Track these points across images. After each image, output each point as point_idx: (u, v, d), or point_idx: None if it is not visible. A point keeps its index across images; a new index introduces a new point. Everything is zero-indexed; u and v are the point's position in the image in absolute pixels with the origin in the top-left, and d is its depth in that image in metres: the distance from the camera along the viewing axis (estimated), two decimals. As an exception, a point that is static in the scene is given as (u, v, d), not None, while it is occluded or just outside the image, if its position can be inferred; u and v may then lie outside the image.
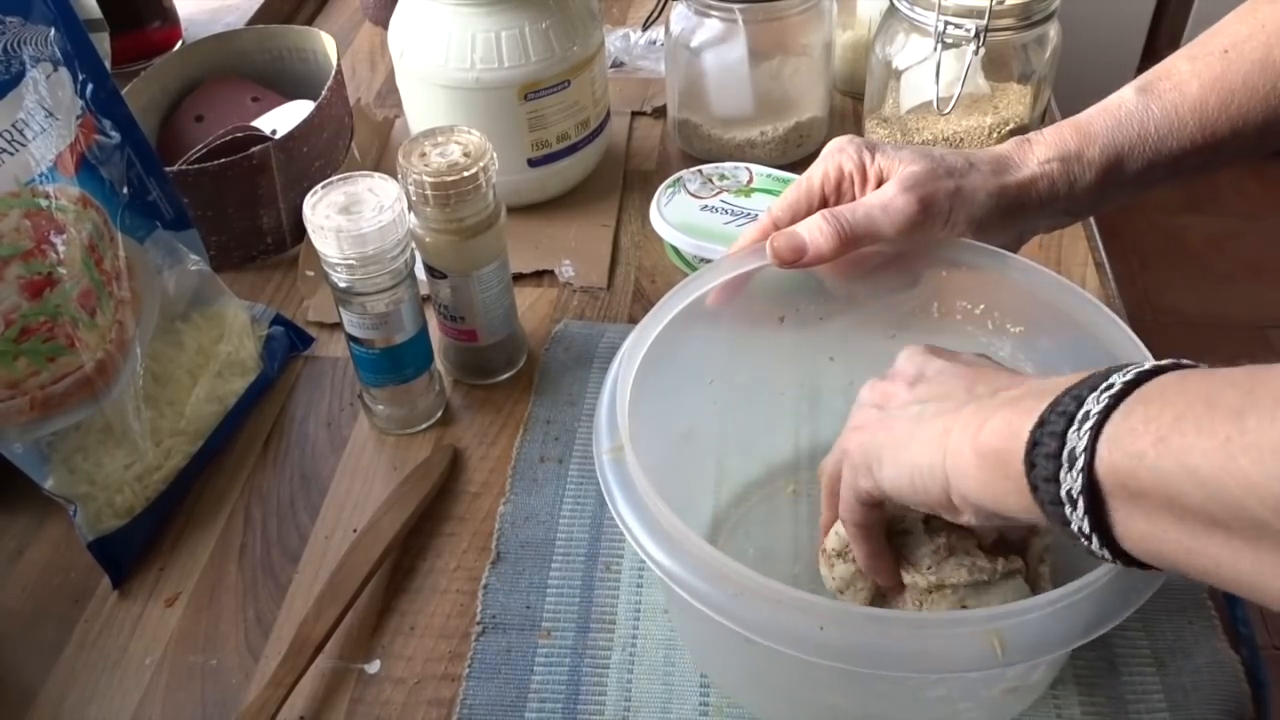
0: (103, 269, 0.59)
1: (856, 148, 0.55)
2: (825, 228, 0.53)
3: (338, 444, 0.67)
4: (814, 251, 0.53)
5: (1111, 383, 0.35)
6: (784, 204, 0.56)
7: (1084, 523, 0.35)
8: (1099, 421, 0.34)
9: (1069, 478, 0.35)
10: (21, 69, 0.55)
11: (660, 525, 0.43)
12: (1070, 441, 0.35)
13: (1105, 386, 0.35)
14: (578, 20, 0.78)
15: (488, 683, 0.54)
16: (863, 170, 0.55)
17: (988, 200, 0.53)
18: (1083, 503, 0.35)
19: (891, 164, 0.54)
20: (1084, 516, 0.35)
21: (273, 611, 0.58)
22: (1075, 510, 0.35)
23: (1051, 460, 0.35)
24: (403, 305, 0.62)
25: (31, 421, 0.56)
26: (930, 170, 0.53)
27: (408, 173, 0.61)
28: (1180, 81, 0.54)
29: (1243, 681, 0.52)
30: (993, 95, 0.78)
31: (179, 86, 0.88)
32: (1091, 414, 0.35)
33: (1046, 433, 0.36)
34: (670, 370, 0.52)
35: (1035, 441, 0.36)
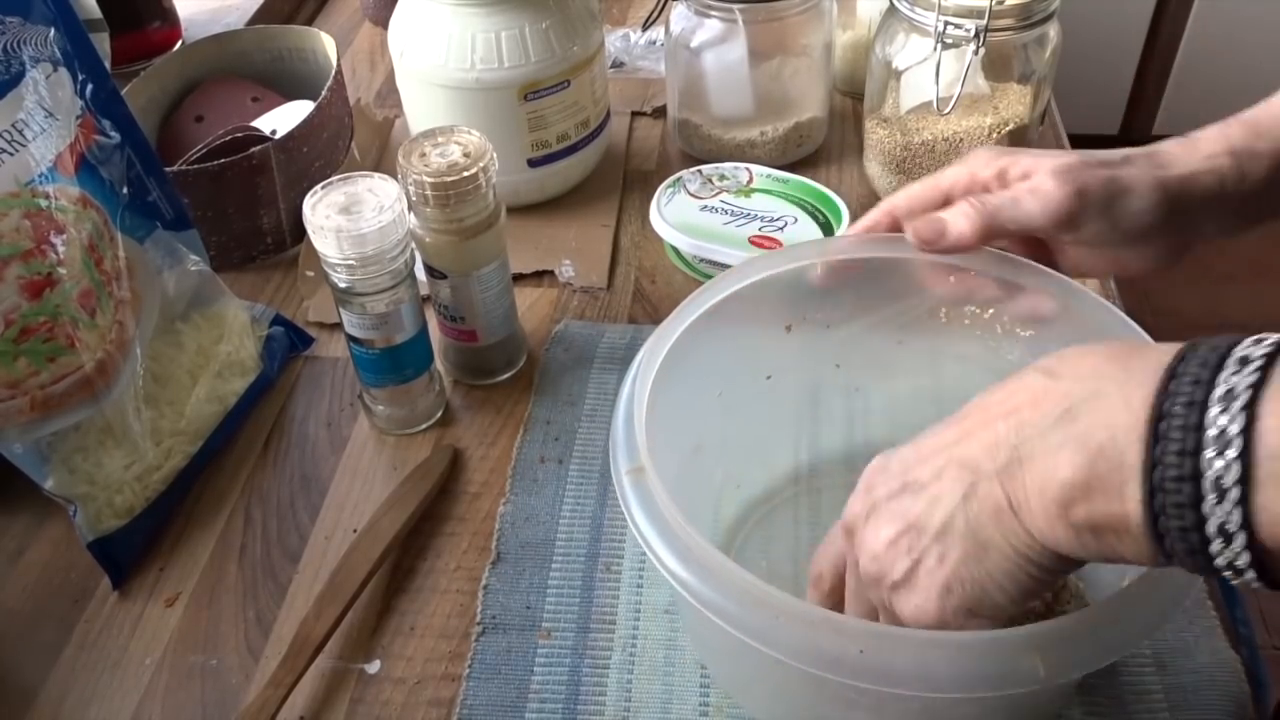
0: (103, 269, 0.59)
1: (996, 153, 0.52)
2: (969, 210, 0.50)
3: (338, 444, 0.67)
4: (955, 234, 0.50)
5: (1222, 430, 0.30)
6: (906, 195, 0.54)
7: (1255, 584, 0.31)
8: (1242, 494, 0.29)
9: (1228, 551, 0.30)
10: (21, 69, 0.55)
11: (687, 547, 0.42)
12: (1215, 516, 0.30)
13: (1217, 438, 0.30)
14: (578, 20, 0.78)
15: (488, 683, 0.54)
16: (1001, 175, 0.51)
17: (1148, 194, 0.49)
18: (1251, 574, 0.30)
19: (1038, 161, 0.50)
20: (1255, 581, 0.31)
21: (273, 611, 0.58)
22: (1242, 578, 0.31)
23: (1192, 534, 0.31)
24: (403, 305, 0.62)
25: (31, 421, 0.56)
26: (1082, 160, 0.49)
27: (408, 173, 0.61)
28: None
29: (1243, 681, 0.52)
30: (993, 95, 0.78)
31: (179, 87, 0.88)
32: (1226, 485, 0.30)
33: (1170, 504, 0.31)
34: (680, 380, 0.52)
35: (1156, 514, 0.31)
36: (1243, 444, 0.29)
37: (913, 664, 0.38)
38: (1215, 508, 0.30)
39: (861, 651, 0.38)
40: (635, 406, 0.48)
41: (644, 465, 0.45)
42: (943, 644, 0.39)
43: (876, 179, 0.84)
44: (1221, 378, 0.30)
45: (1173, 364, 0.32)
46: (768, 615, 0.40)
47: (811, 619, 0.40)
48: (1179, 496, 0.30)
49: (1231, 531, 0.30)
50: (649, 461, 0.45)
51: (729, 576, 0.41)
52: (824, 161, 0.89)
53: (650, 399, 0.49)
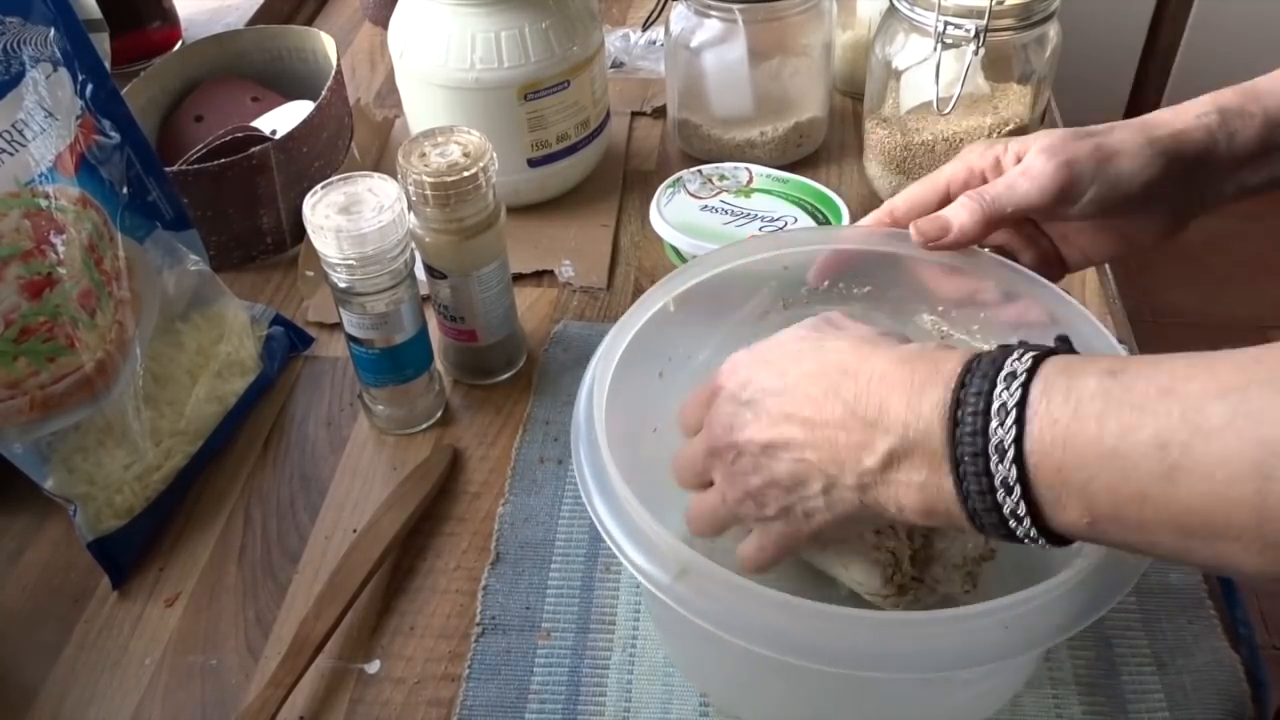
0: (102, 269, 0.59)
1: (988, 144, 0.54)
2: (969, 204, 0.51)
3: (338, 444, 0.67)
4: (959, 229, 0.51)
5: (1013, 369, 0.37)
6: (905, 195, 0.55)
7: (1019, 507, 0.36)
8: (1017, 412, 0.36)
9: (1000, 468, 0.36)
10: (21, 69, 0.55)
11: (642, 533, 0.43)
12: (995, 435, 0.36)
13: (1008, 373, 0.37)
14: (578, 20, 0.78)
15: (487, 684, 0.54)
16: (996, 163, 0.53)
17: (1137, 155, 0.50)
18: (1017, 490, 0.36)
19: (1026, 143, 0.52)
20: (1019, 501, 0.36)
21: (273, 611, 0.58)
22: (1010, 496, 0.36)
23: (979, 457, 0.37)
24: (403, 305, 0.62)
25: (31, 421, 0.56)
26: (1068, 133, 0.51)
27: (407, 173, 0.61)
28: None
29: (1243, 681, 0.52)
30: (993, 95, 0.78)
31: (179, 87, 0.88)
32: (1009, 407, 0.36)
33: (967, 421, 0.37)
34: (639, 363, 0.52)
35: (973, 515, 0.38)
36: (1021, 485, 0.36)
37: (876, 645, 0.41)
38: (1018, 526, 0.37)
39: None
40: (596, 394, 0.49)
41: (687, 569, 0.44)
42: (908, 623, 0.42)
43: (876, 179, 0.84)
44: (991, 428, 0.36)
45: (952, 408, 0.38)
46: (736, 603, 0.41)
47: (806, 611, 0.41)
48: (991, 519, 0.37)
49: (1035, 536, 0.37)
50: (605, 442, 0.46)
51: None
52: (824, 161, 0.89)
53: (612, 384, 0.50)
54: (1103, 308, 0.74)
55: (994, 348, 0.39)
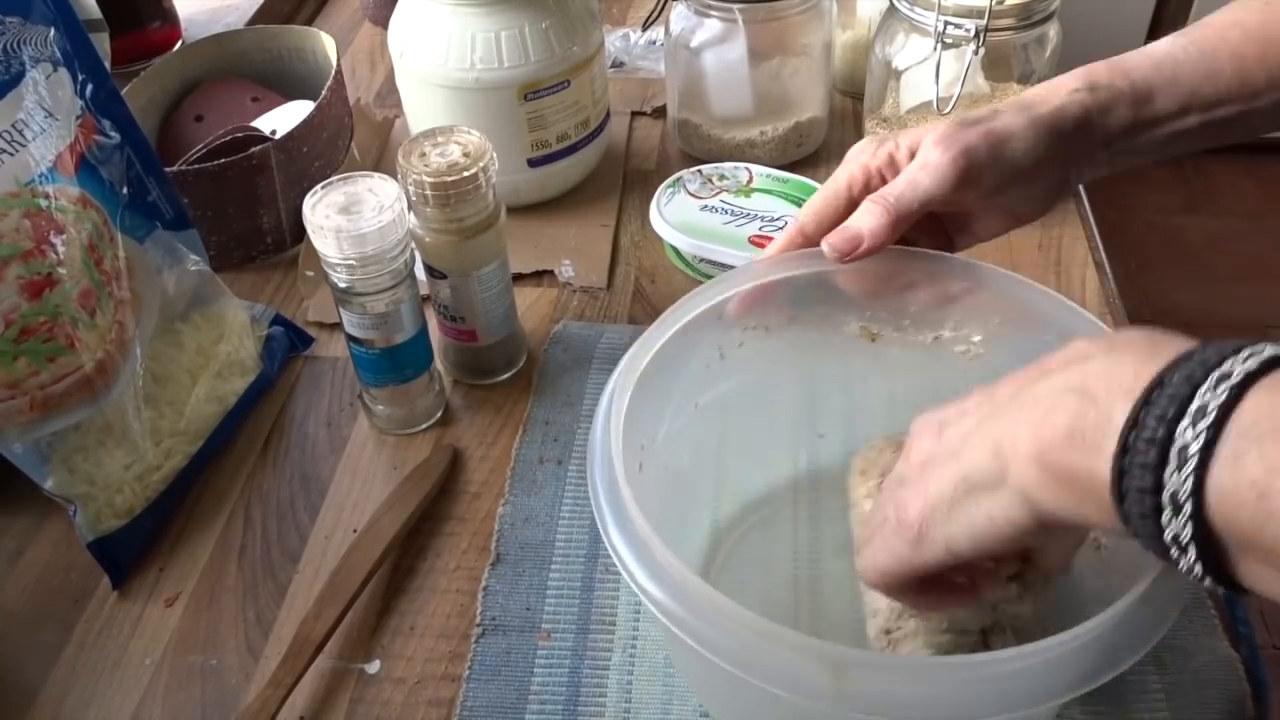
0: (103, 269, 0.59)
1: (878, 142, 0.54)
2: (875, 208, 0.51)
3: (338, 444, 0.67)
4: (870, 236, 0.51)
5: (1204, 404, 0.30)
6: (810, 211, 0.54)
7: (1197, 567, 0.32)
8: (1201, 461, 0.30)
9: (1175, 523, 0.31)
10: (21, 69, 0.55)
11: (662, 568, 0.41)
12: (1170, 484, 0.31)
13: (1198, 410, 0.30)
14: (578, 20, 0.78)
15: (488, 684, 0.54)
16: (890, 160, 0.53)
17: (1025, 135, 0.51)
18: (1193, 551, 0.31)
19: (918, 137, 0.53)
20: (1196, 562, 0.32)
21: (273, 611, 0.58)
22: (1186, 556, 0.32)
23: (1148, 496, 0.31)
24: (403, 305, 0.62)
25: (31, 421, 0.56)
26: (956, 124, 0.51)
27: (407, 173, 0.61)
28: (1221, 27, 0.53)
29: (1243, 681, 0.52)
30: (993, 95, 0.78)
31: (179, 87, 0.88)
32: (1190, 452, 0.30)
33: (1135, 464, 0.31)
34: (663, 391, 0.52)
35: (1122, 471, 0.32)
36: (1216, 417, 0.30)
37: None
38: (1174, 474, 0.31)
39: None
40: (614, 420, 0.47)
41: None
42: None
43: (876, 179, 0.84)
44: (1226, 363, 0.31)
45: (1193, 348, 0.33)
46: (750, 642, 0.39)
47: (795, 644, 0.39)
48: (1145, 458, 0.31)
49: (1181, 501, 0.31)
50: (621, 467, 0.45)
51: (706, 599, 0.40)
52: (824, 161, 0.89)
53: (630, 410, 0.48)
54: (1103, 308, 0.74)
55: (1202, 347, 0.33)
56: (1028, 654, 0.38)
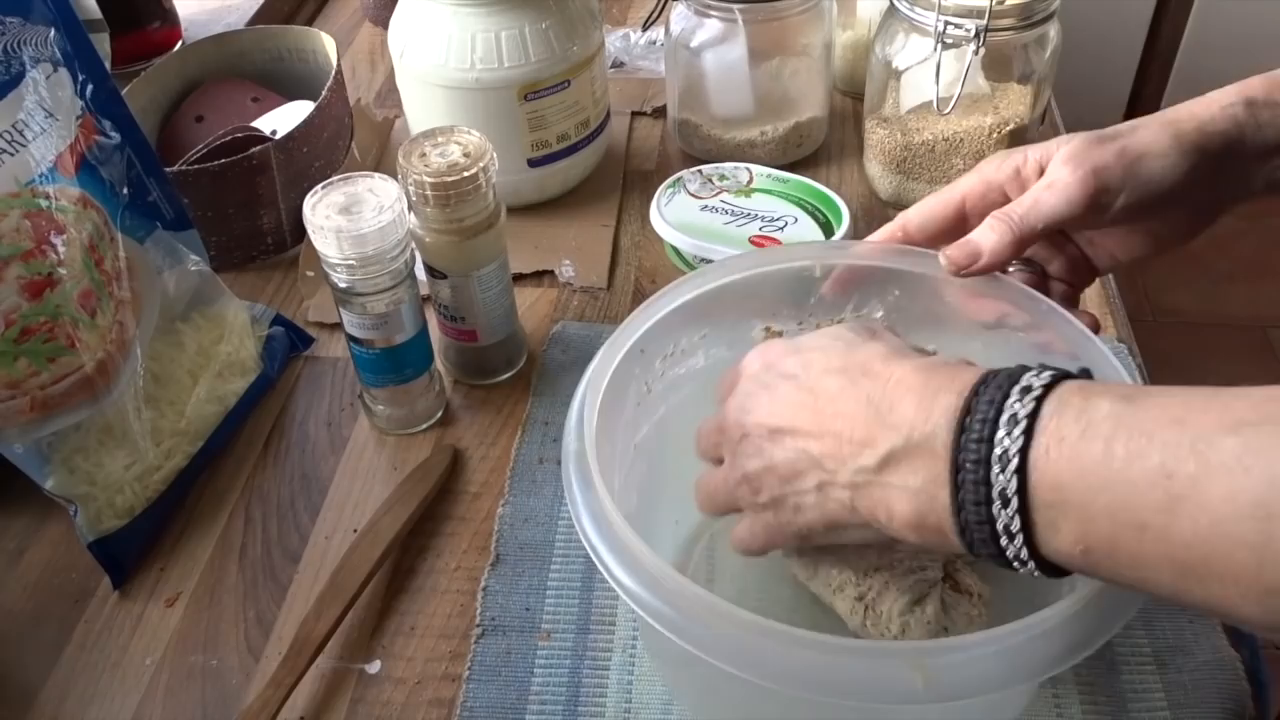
0: (103, 269, 0.59)
1: (1005, 155, 0.51)
2: (998, 225, 0.49)
3: (338, 444, 0.67)
4: (990, 254, 0.49)
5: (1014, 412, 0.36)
6: (918, 211, 0.53)
7: (1024, 551, 0.36)
8: (1021, 451, 0.35)
9: (1025, 569, 0.36)
10: (21, 69, 0.55)
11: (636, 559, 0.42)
12: (997, 484, 0.36)
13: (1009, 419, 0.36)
14: (578, 20, 0.78)
15: (488, 685, 0.54)
16: (1016, 174, 0.51)
17: (1165, 153, 0.48)
18: (1040, 572, 0.36)
19: (1049, 150, 0.50)
20: (1023, 547, 0.36)
21: (273, 611, 0.58)
22: (1014, 543, 0.36)
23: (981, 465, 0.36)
24: (403, 305, 0.62)
25: (32, 422, 0.56)
26: (1090, 138, 0.49)
27: (408, 173, 0.61)
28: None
29: (1243, 680, 0.52)
30: (993, 95, 0.78)
31: (179, 87, 0.88)
32: (1020, 418, 0.35)
33: (968, 480, 0.36)
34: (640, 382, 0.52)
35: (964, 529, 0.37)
36: (1019, 501, 0.35)
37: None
38: (1009, 545, 0.36)
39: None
40: (587, 411, 0.48)
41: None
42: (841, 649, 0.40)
43: (876, 179, 0.84)
44: (998, 437, 0.36)
45: (961, 416, 0.37)
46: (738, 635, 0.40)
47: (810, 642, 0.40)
48: (982, 534, 0.37)
49: (1025, 559, 0.37)
50: (595, 460, 0.45)
51: (679, 589, 0.41)
52: (824, 161, 0.89)
53: (603, 404, 0.49)
54: (1103, 306, 0.74)
55: (1013, 365, 0.38)
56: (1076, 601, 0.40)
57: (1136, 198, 0.48)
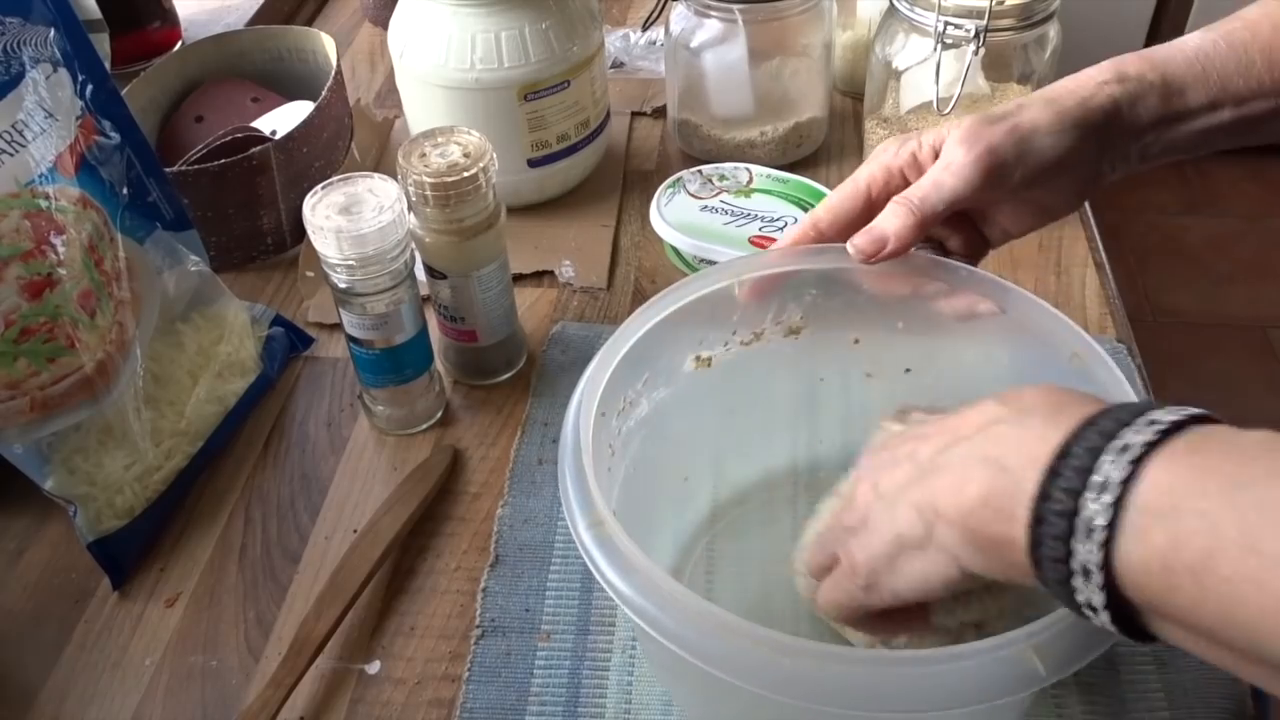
0: (103, 269, 0.59)
1: (900, 141, 0.53)
2: (900, 210, 0.51)
3: (338, 444, 0.67)
4: (895, 238, 0.50)
5: (1106, 479, 0.32)
6: (827, 207, 0.54)
7: (1111, 627, 0.34)
8: (1107, 535, 0.32)
9: (1086, 589, 0.33)
10: (21, 70, 0.55)
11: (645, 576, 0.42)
12: (1079, 555, 0.32)
13: (1101, 484, 0.32)
14: (578, 20, 0.78)
15: (488, 686, 0.54)
16: (913, 160, 0.53)
17: (1051, 129, 0.50)
18: (1105, 615, 0.33)
19: (941, 136, 0.52)
20: (1110, 624, 0.33)
21: (273, 612, 0.58)
22: (1099, 617, 0.33)
23: (1060, 564, 0.33)
24: (402, 306, 0.62)
25: (31, 422, 0.56)
26: (980, 119, 0.51)
27: (407, 173, 0.61)
28: (1252, 22, 0.53)
29: (1242, 681, 0.52)
30: (993, 95, 0.78)
31: (179, 87, 0.88)
32: (1096, 524, 0.32)
33: (1048, 535, 0.33)
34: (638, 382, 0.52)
35: (1036, 540, 0.34)
36: (1119, 492, 0.32)
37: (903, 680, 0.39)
38: (1081, 545, 0.32)
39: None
40: (583, 454, 0.47)
41: (604, 519, 0.44)
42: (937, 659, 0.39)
43: (876, 179, 0.84)
44: (1125, 432, 0.33)
45: (1094, 414, 0.34)
46: (766, 653, 0.39)
47: (804, 651, 0.39)
48: (1055, 529, 0.33)
49: (1090, 570, 0.32)
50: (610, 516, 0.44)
51: (712, 618, 0.40)
52: (824, 161, 0.89)
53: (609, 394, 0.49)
54: (1103, 307, 0.74)
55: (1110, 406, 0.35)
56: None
57: (1029, 172, 0.51)
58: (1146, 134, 0.52)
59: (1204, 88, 0.52)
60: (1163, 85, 0.52)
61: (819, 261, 0.54)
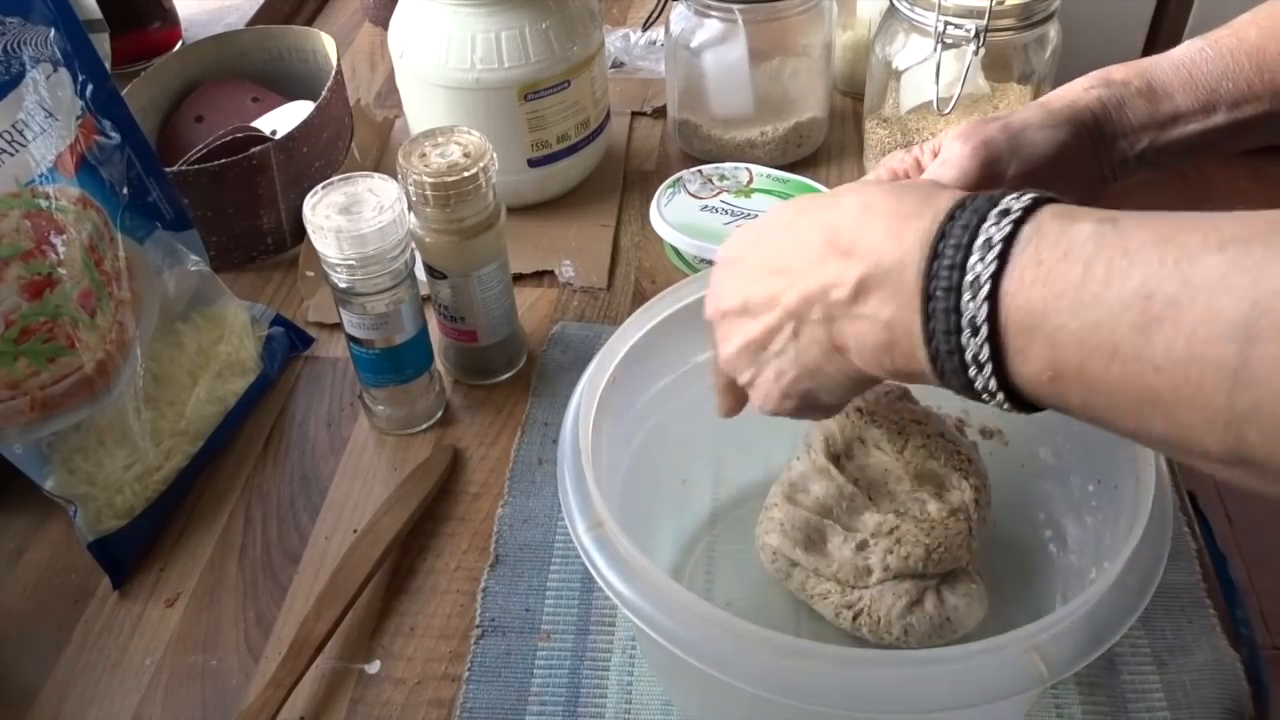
0: (103, 269, 0.59)
1: (906, 150, 0.55)
2: None
3: (338, 444, 0.67)
4: None
5: (976, 276, 0.35)
6: None
7: (992, 381, 0.35)
8: (992, 348, 0.35)
9: (973, 343, 0.35)
10: (21, 69, 0.55)
11: (648, 580, 0.42)
12: (967, 311, 0.35)
13: (984, 243, 0.35)
14: (578, 20, 0.78)
15: (488, 686, 0.54)
16: (916, 165, 0.54)
17: (1041, 124, 0.52)
18: (1010, 404, 0.36)
19: (939, 140, 0.54)
20: (991, 377, 0.35)
21: (273, 612, 0.58)
22: (982, 373, 0.35)
23: (960, 374, 0.36)
24: (403, 305, 0.62)
25: (31, 422, 0.56)
26: (977, 120, 0.53)
27: (408, 173, 0.61)
28: (1239, 28, 0.54)
29: (1242, 681, 0.52)
30: (993, 95, 0.77)
31: (179, 87, 0.88)
32: (983, 347, 0.35)
33: (939, 309, 0.36)
34: (641, 385, 0.52)
35: (935, 356, 0.36)
36: (989, 327, 0.35)
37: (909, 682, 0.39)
38: (977, 375, 0.36)
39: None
40: (583, 452, 0.47)
41: (604, 521, 0.44)
42: (941, 659, 0.39)
43: (876, 179, 0.84)
44: (970, 263, 0.35)
45: (934, 242, 0.36)
46: (774, 657, 0.39)
47: (815, 653, 0.39)
48: (952, 364, 0.36)
49: (993, 390, 0.36)
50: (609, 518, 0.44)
51: (715, 621, 0.41)
52: (824, 161, 0.89)
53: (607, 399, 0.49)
54: (1103, 308, 0.74)
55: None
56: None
57: (1023, 166, 0.52)
58: (1139, 136, 0.54)
59: (1191, 92, 0.53)
60: (1148, 90, 0.53)
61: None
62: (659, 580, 0.41)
